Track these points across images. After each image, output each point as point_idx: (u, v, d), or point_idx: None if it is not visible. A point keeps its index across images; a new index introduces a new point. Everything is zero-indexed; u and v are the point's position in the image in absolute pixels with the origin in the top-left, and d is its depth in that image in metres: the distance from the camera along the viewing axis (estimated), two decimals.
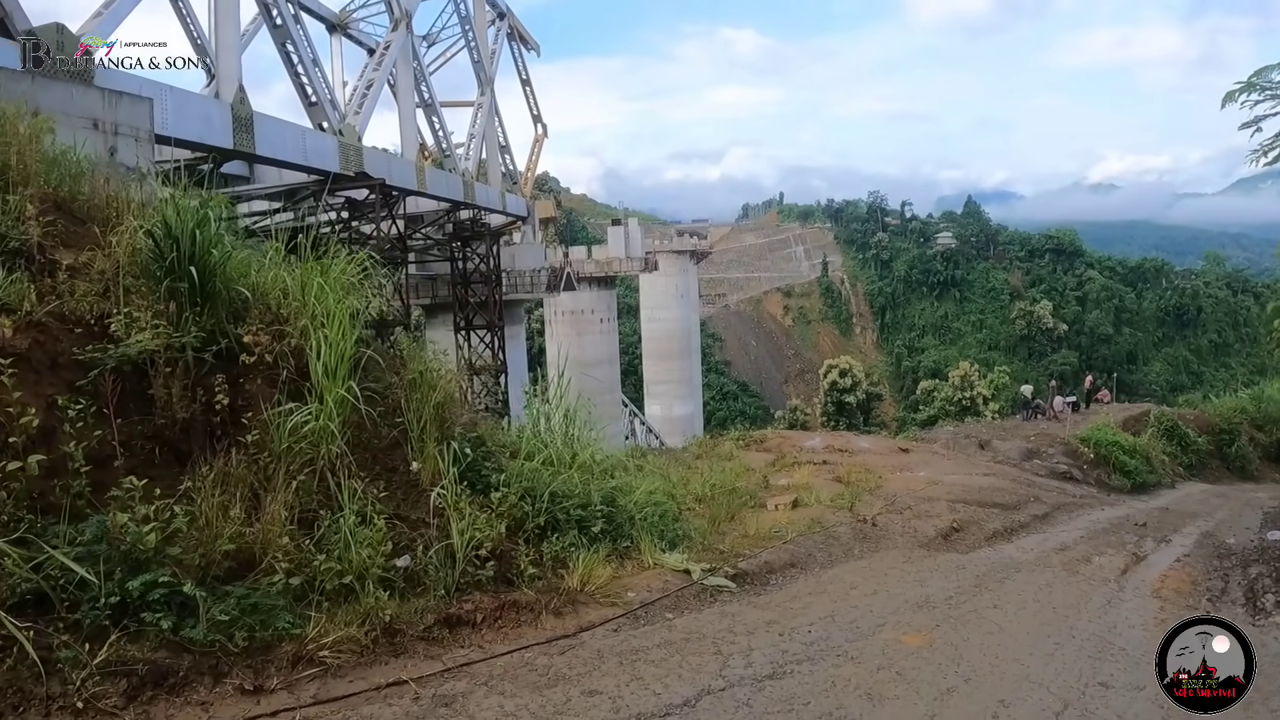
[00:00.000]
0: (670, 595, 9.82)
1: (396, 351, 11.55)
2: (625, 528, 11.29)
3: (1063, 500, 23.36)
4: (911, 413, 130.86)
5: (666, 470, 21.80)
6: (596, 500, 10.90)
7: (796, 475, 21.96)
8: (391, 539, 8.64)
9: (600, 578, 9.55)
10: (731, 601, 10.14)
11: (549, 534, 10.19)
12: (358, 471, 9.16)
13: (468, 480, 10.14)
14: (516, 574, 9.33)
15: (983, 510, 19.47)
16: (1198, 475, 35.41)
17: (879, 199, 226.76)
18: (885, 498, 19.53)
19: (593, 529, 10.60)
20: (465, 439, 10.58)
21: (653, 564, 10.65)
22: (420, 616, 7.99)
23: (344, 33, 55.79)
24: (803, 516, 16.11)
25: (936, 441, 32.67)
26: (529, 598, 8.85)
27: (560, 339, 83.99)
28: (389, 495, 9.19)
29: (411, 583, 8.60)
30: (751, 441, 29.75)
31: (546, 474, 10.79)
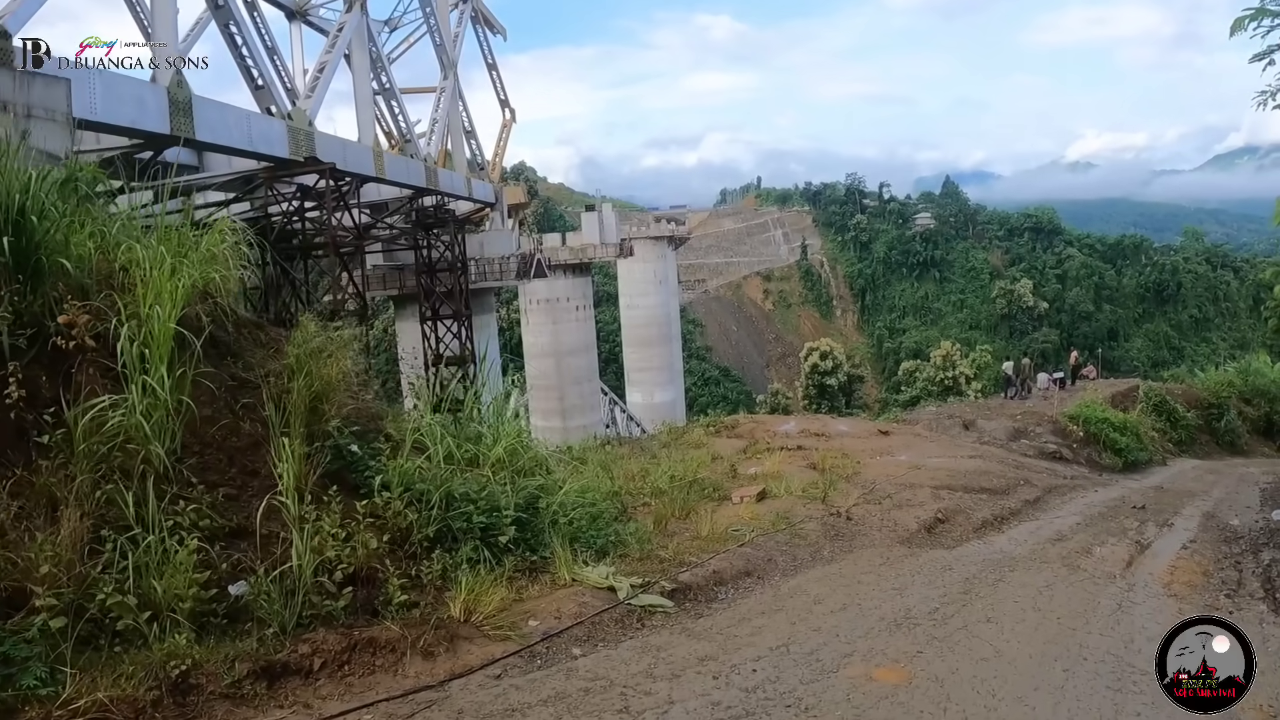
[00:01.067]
0: (585, 622, 7.91)
1: (262, 332, 9.73)
2: (544, 536, 9.36)
3: (1054, 482, 21.66)
4: (894, 394, 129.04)
5: (626, 461, 20.04)
6: (507, 504, 8.99)
7: (767, 463, 20.10)
8: (232, 560, 7.04)
9: (490, 604, 7.68)
10: (662, 628, 8.23)
11: (441, 547, 8.28)
12: (194, 477, 7.50)
13: (348, 483, 8.44)
14: (383, 602, 7.39)
15: (969, 497, 17.81)
16: (1188, 451, 34.01)
17: (857, 181, 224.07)
18: (863, 486, 17.84)
19: (500, 539, 8.68)
20: (345, 433, 8.69)
21: (570, 580, 8.72)
22: (230, 666, 6.15)
23: (304, 19, 53.59)
24: (769, 511, 14.33)
25: (919, 423, 30.78)
26: (392, 634, 6.97)
27: (536, 328, 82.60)
28: (239, 505, 7.56)
29: (240, 619, 6.83)
30: (722, 428, 27.83)
31: (442, 473, 8.87)
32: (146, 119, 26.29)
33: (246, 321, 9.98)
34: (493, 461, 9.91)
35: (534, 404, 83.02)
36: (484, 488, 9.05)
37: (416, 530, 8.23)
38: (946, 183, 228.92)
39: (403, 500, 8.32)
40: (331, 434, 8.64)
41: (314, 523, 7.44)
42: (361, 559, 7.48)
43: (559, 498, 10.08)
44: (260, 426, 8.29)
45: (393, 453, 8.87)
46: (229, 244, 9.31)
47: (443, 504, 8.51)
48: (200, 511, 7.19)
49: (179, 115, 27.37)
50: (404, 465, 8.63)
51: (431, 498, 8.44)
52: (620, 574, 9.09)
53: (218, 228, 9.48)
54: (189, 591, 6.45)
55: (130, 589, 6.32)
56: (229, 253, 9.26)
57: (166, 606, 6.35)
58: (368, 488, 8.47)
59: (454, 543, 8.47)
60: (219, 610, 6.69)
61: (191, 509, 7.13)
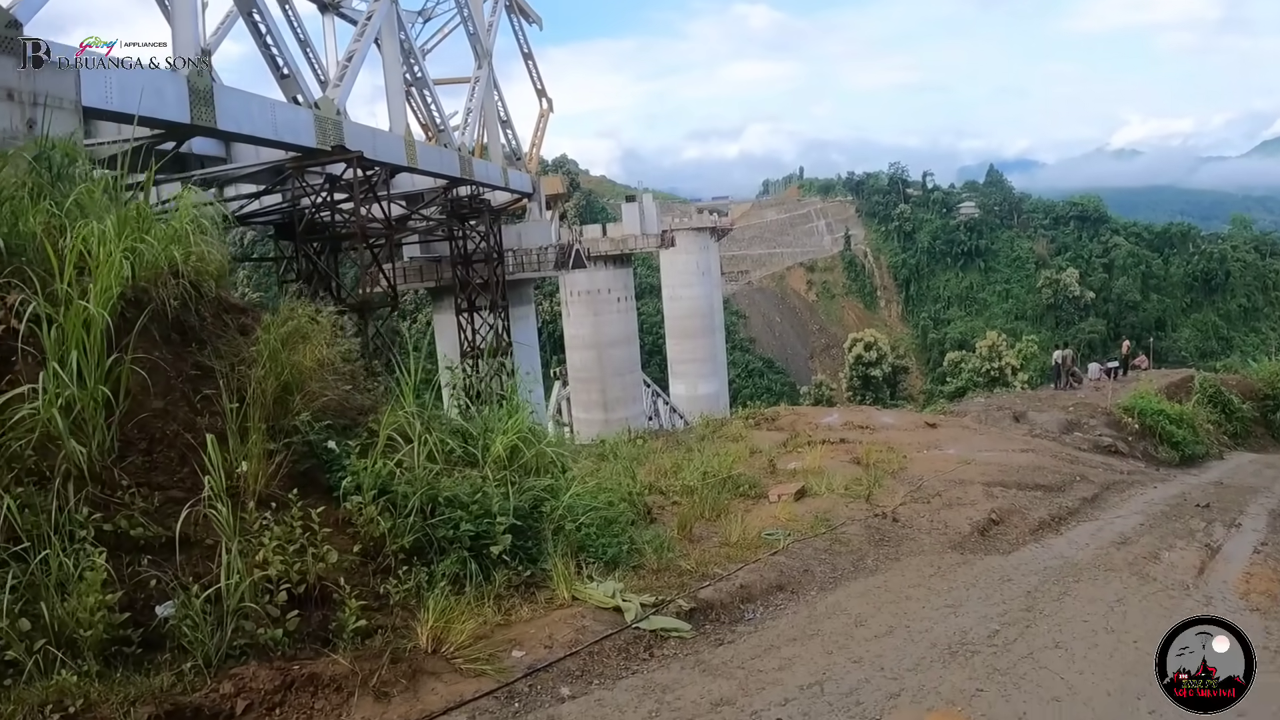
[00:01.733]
0: (580, 652, 6.70)
1: (245, 317, 8.70)
2: (547, 546, 8.16)
3: (1111, 478, 20.29)
4: (939, 385, 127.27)
5: (658, 455, 18.85)
6: (503, 509, 7.81)
7: (808, 457, 18.74)
8: (167, 576, 6.01)
9: (464, 631, 6.42)
10: (674, 659, 7.01)
11: (421, 561, 7.12)
12: (133, 479, 6.55)
13: (321, 485, 7.54)
14: (336, 628, 6.22)
15: (1024, 494, 16.55)
16: (1243, 444, 32.31)
17: (900, 170, 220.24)
18: (909, 482, 16.59)
19: (493, 550, 7.49)
20: (317, 428, 7.57)
21: (570, 599, 7.51)
22: (128, 709, 4.99)
23: (336, 12, 52.72)
24: (808, 511, 13.11)
25: (967, 415, 29.35)
26: (340, 668, 5.78)
27: (577, 320, 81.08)
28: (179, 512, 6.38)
29: (164, 646, 5.78)
30: (762, 420, 26.54)
31: (425, 475, 7.71)
32: (165, 108, 25.48)
33: (232, 305, 8.91)
34: (492, 460, 8.72)
35: (575, 396, 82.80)
36: (477, 491, 7.88)
37: (390, 540, 7.06)
38: (990, 171, 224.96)
39: (377, 506, 7.17)
40: (299, 429, 7.51)
41: (257, 533, 6.30)
42: (316, 575, 6.32)
43: (565, 500, 8.89)
44: (221, 420, 7.22)
45: (383, 452, 7.74)
46: (199, 222, 8.46)
47: (424, 510, 7.37)
48: (131, 519, 6.17)
49: (199, 104, 26.56)
50: (374, 465, 7.45)
51: (408, 502, 7.31)
52: (630, 590, 7.91)
53: (184, 205, 8.55)
54: (95, 616, 5.41)
55: (23, 611, 5.37)
56: (196, 231, 8.34)
57: (67, 632, 5.36)
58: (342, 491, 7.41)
59: (441, 555, 7.32)
60: (134, 637, 5.65)
61: (122, 516, 6.13)
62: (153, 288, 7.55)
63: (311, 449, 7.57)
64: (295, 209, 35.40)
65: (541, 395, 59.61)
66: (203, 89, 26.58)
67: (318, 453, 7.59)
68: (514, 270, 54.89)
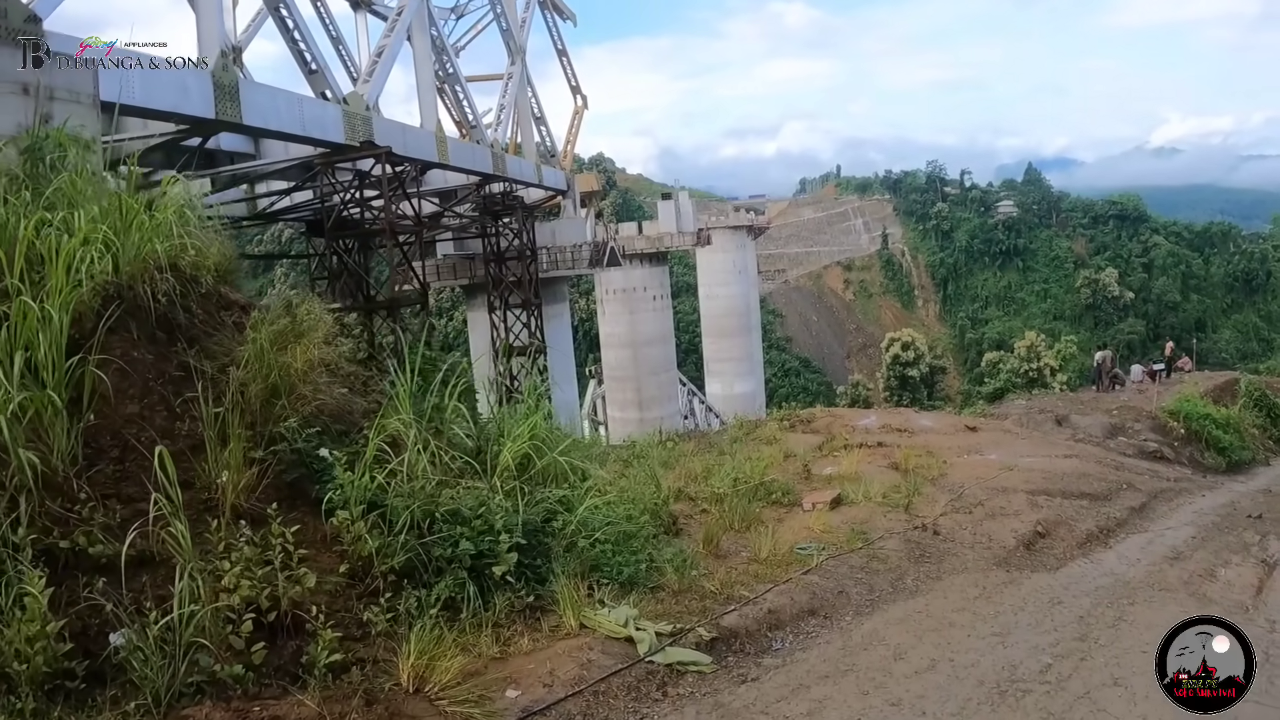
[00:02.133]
0: (585, 691, 5.99)
1: (245, 314, 8.13)
2: (556, 565, 7.48)
3: (1159, 486, 19.52)
4: (976, 385, 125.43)
5: (689, 459, 18.17)
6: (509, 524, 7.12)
7: (845, 462, 18.05)
8: (127, 600, 5.38)
9: (450, 668, 5.71)
10: (689, 700, 6.31)
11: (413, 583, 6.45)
12: (99, 490, 5.99)
13: (311, 498, 6.90)
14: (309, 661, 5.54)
15: (1069, 504, 15.82)
16: None
17: (937, 169, 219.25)
18: (950, 490, 15.83)
19: (495, 571, 6.80)
20: (306, 434, 6.93)
21: (578, 627, 6.81)
22: None
23: (369, 9, 52.20)
24: (843, 522, 12.42)
25: (1008, 418, 28.50)
26: (306, 711, 5.07)
27: (613, 318, 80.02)
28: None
29: (115, 679, 5.13)
30: (798, 421, 25.79)
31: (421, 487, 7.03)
32: (189, 103, 24.89)
33: (231, 302, 8.30)
34: (502, 469, 8.03)
35: (610, 395, 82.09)
36: (481, 504, 7.19)
37: (379, 561, 6.39)
38: (1029, 169, 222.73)
39: (366, 522, 6.49)
40: (285, 436, 6.87)
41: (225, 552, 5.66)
42: (291, 601, 5.65)
43: (578, 515, 8.20)
44: (203, 426, 6.64)
45: (375, 461, 7.09)
46: (185, 213, 8.01)
47: (421, 526, 6.68)
48: (90, 535, 5.56)
49: (224, 99, 25.97)
50: (361, 477, 6.78)
51: (399, 517, 6.66)
52: (646, 616, 7.21)
53: (170, 195, 8.13)
54: (35, 647, 4.81)
55: None
56: (186, 223, 7.88)
57: (2, 665, 4.78)
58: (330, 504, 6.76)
59: (437, 576, 6.64)
60: (78, 670, 5.01)
61: (81, 532, 5.55)
62: (138, 283, 7.00)
63: (301, 458, 6.92)
64: (324, 205, 34.93)
65: (575, 394, 58.94)
66: (228, 84, 26.05)
67: (307, 462, 6.94)
68: (548, 268, 54.27)
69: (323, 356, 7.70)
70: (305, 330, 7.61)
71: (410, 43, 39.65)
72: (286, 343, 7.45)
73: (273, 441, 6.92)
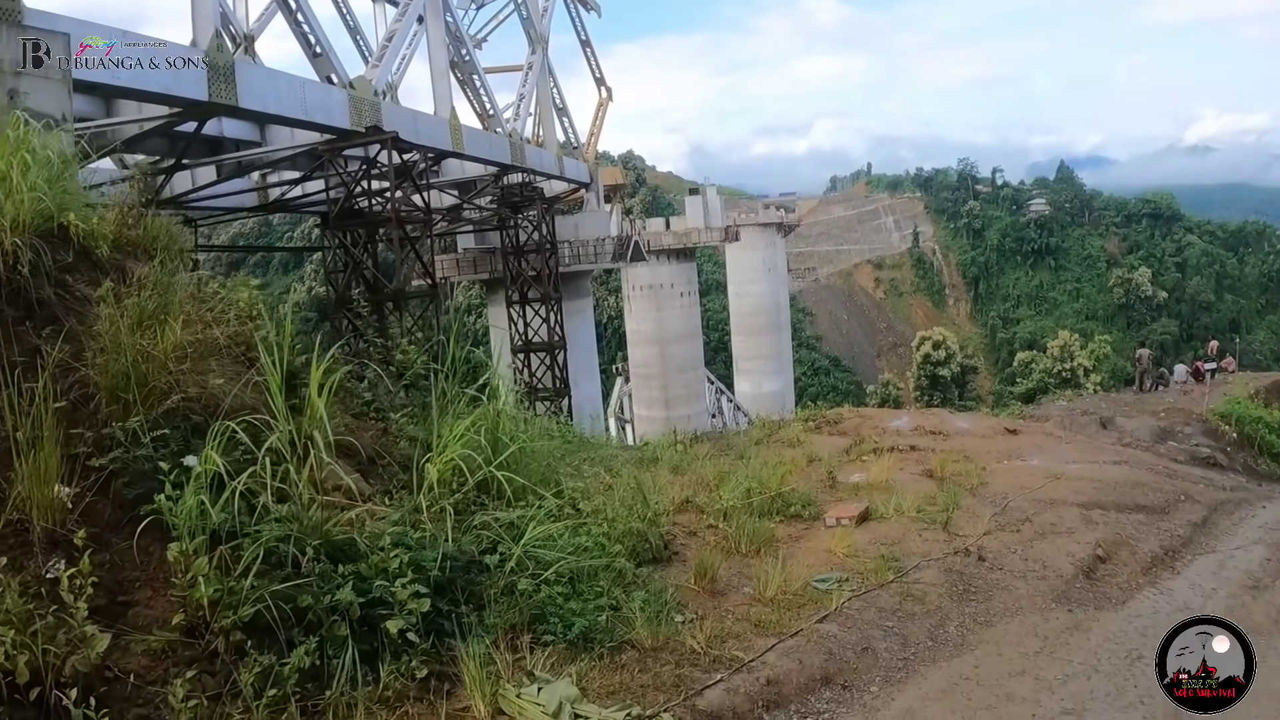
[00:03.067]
0: None
1: None
2: (485, 616, 5.69)
3: (1217, 496, 17.52)
4: (1008, 386, 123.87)
5: (702, 463, 16.42)
6: (417, 562, 5.38)
7: (874, 468, 16.32)
8: None
9: None
10: None
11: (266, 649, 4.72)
12: None
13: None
14: None
15: (1125, 518, 13.96)
16: None
17: (969, 167, 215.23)
18: (992, 501, 14.02)
19: (390, 627, 5.05)
20: (146, 434, 5.30)
21: (489, 714, 5.00)
22: None
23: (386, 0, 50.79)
24: (871, 542, 10.71)
25: (1048, 420, 26.57)
26: None
27: (639, 315, 78.32)
28: None
29: None
30: (823, 423, 23.91)
31: (294, 510, 5.31)
32: (181, 85, 23.70)
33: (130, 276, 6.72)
34: (429, 486, 6.28)
35: (637, 393, 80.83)
36: (382, 535, 5.44)
37: (217, 612, 4.66)
38: (1061, 168, 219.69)
39: (211, 558, 4.79)
40: (121, 439, 5.20)
41: None
42: (76, 670, 3.95)
43: (518, 549, 6.30)
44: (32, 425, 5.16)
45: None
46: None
47: (296, 564, 4.94)
48: None
49: (219, 81, 24.76)
50: (191, 496, 5.06)
51: (247, 552, 4.97)
52: (593, 696, 5.34)
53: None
54: None
55: None
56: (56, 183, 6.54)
57: None
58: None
59: (307, 635, 4.91)
60: None
61: None
62: None
63: (156, 468, 5.21)
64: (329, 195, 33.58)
65: (598, 391, 57.43)
66: (222, 65, 24.73)
67: (157, 474, 5.22)
68: (570, 262, 52.75)
69: (204, 338, 6.04)
70: (175, 306, 5.92)
71: (425, 28, 38.28)
72: (157, 322, 5.79)
73: (120, 446, 5.27)
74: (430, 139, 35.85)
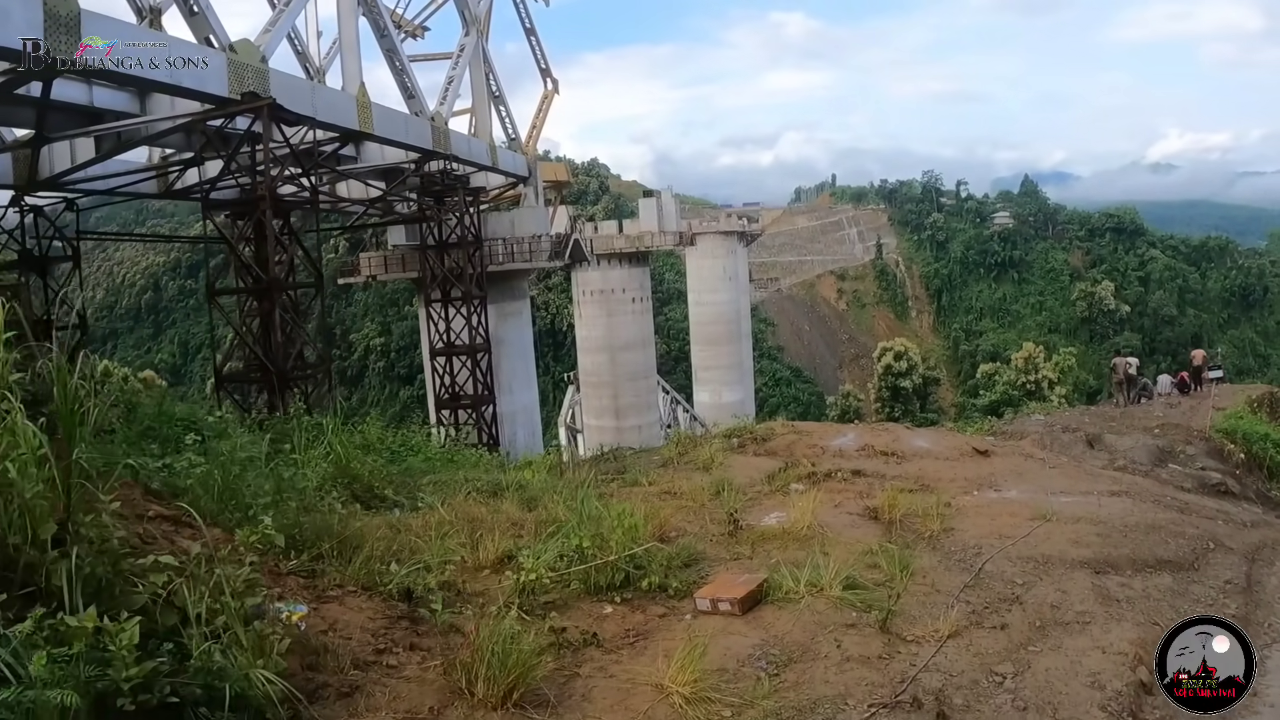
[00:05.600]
0: None
1: None
2: None
3: (1247, 539, 12.76)
4: (970, 398, 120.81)
5: (563, 496, 11.61)
6: None
7: (798, 505, 11.41)
8: None
9: None
10: None
11: None
12: None
13: None
14: None
15: (1151, 583, 9.60)
16: None
17: (934, 179, 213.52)
18: (961, 561, 9.59)
19: None
20: None
21: None
22: None
23: None
24: (754, 656, 6.15)
25: (1025, 437, 21.84)
26: None
27: (589, 321, 76.08)
28: None
29: None
30: (750, 439, 19.05)
31: None
32: (7, 33, 19.66)
33: None
34: None
35: (586, 402, 78.13)
36: None
37: None
38: (1025, 182, 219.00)
39: None
40: None
41: None
42: None
43: None
44: None
45: None
46: None
47: None
48: None
49: (58, 31, 20.58)
50: None
51: None
52: None
53: None
54: None
55: None
56: None
57: None
58: None
59: None
60: None
61: None
62: None
63: None
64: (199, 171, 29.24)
65: (534, 399, 52.60)
66: (65, 14, 20.57)
67: None
68: (503, 260, 47.84)
69: None
70: None
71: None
72: None
73: None
74: (332, 115, 31.31)
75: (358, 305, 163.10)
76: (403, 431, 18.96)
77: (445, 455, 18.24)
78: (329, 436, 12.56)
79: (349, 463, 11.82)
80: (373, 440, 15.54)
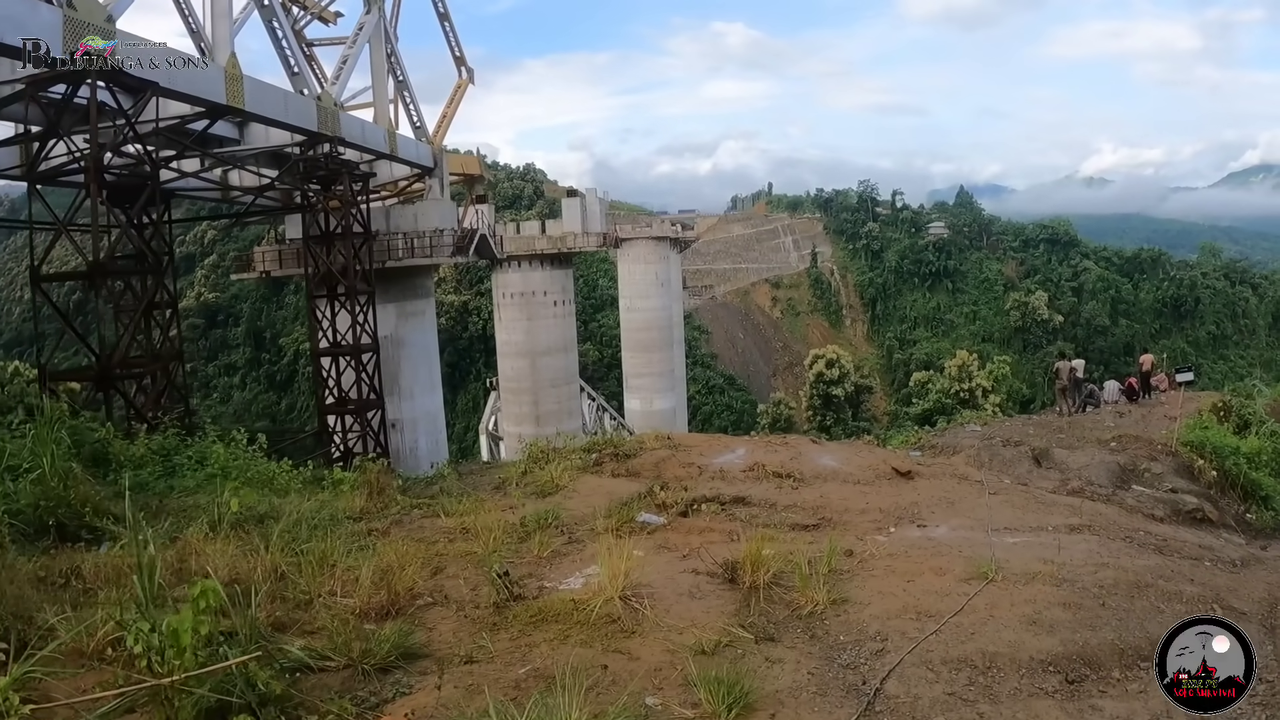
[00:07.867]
0: None
1: None
2: None
3: (1252, 593, 8.83)
4: (903, 406, 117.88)
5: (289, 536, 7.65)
6: None
7: (613, 560, 7.20)
8: None
9: None
10: None
11: None
12: None
13: None
14: None
15: (1150, 695, 6.09)
16: None
17: (869, 189, 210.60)
18: (851, 664, 5.94)
19: None
20: None
21: None
22: None
23: None
24: None
25: (958, 452, 18.01)
26: None
27: (509, 324, 72.25)
28: None
29: None
30: (610, 455, 14.95)
31: None
32: None
33: None
34: None
35: (506, 408, 74.40)
36: None
37: None
38: (960, 193, 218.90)
39: None
40: None
41: None
42: None
43: None
44: None
45: None
46: None
47: None
48: None
49: None
50: None
51: None
52: None
53: None
54: None
55: None
56: None
57: None
58: None
59: None
60: None
61: None
62: None
63: None
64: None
65: (438, 404, 48.40)
66: None
67: None
68: (403, 256, 43.67)
69: None
70: None
71: None
72: None
73: None
74: (192, 86, 27.37)
75: (288, 308, 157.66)
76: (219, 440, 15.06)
77: (242, 468, 14.23)
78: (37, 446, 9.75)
79: (55, 481, 9.23)
80: (139, 451, 13.08)
